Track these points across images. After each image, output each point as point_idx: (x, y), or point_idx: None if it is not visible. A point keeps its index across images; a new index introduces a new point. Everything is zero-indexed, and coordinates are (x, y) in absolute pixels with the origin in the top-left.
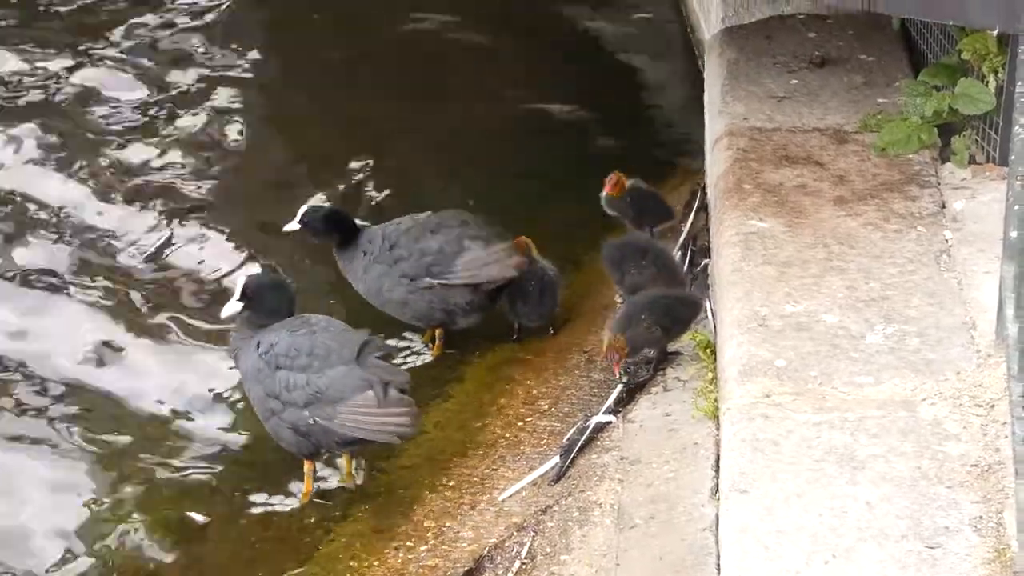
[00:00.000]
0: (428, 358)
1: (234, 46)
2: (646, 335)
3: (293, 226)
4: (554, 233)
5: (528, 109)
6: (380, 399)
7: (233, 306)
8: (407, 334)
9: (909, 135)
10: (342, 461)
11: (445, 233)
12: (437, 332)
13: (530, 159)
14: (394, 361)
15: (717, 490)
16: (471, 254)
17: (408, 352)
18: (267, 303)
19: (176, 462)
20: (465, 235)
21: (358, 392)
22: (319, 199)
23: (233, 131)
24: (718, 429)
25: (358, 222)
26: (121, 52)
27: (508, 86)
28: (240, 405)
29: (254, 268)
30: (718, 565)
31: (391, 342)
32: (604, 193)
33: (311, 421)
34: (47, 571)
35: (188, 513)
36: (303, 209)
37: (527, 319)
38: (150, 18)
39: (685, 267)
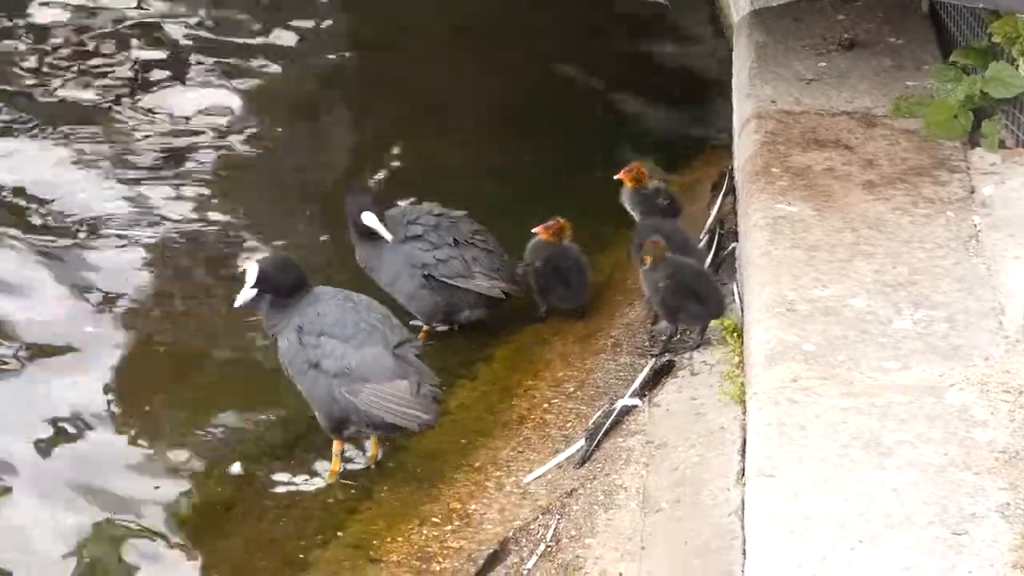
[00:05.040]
0: (452, 339)
1: None
2: (654, 290)
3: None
4: (579, 213)
5: (555, 87)
6: (414, 392)
7: (247, 293)
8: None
9: (950, 120)
10: (369, 442)
11: (463, 249)
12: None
13: (555, 137)
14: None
15: (743, 474)
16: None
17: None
18: (282, 283)
19: (200, 439)
20: (479, 259)
21: (390, 379)
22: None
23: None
24: (744, 413)
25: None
26: None
27: (536, 63)
28: (265, 385)
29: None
30: (744, 549)
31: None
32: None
33: (336, 392)
34: (63, 556)
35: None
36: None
37: (564, 302)
38: None
39: (712, 251)
